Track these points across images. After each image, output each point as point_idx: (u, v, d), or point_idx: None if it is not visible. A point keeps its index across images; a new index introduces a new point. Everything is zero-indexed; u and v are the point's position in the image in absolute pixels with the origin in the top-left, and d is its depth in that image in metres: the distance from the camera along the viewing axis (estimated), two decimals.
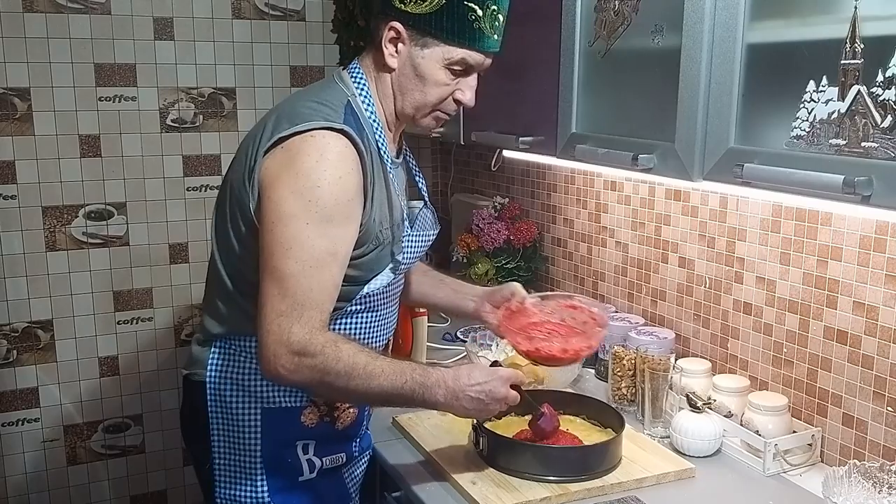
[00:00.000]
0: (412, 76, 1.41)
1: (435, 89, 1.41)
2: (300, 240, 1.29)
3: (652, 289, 2.07)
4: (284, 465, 1.47)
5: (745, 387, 1.70)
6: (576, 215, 2.34)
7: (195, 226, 2.77)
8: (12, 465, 2.68)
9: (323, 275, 1.31)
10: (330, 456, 1.51)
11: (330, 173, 1.29)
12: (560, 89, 1.70)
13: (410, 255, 1.51)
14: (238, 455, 1.47)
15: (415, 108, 1.44)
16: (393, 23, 1.38)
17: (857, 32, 1.08)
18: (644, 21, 1.47)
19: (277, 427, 1.46)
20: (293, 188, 1.29)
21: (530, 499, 1.43)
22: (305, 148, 1.30)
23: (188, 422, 1.56)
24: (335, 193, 1.29)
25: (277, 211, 1.30)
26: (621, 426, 1.60)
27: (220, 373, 1.46)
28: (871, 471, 1.35)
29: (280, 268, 1.29)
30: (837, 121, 1.12)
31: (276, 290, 1.29)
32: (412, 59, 1.39)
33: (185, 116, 2.71)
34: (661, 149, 1.43)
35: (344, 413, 1.51)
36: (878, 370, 1.50)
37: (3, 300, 2.58)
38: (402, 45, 1.39)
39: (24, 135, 2.52)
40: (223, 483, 1.48)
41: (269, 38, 2.78)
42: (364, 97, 1.43)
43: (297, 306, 1.29)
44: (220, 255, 1.46)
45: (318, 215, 1.29)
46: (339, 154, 1.31)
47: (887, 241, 1.47)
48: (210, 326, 1.47)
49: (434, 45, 1.38)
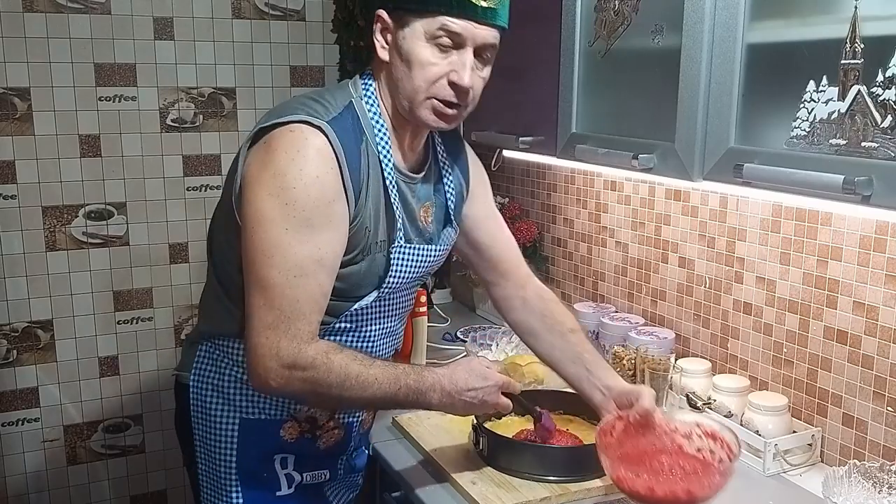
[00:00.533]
0: (400, 63, 1.31)
1: (421, 71, 1.29)
2: (281, 247, 1.23)
3: (652, 289, 2.07)
4: (260, 479, 1.44)
5: (745, 387, 1.70)
6: (576, 215, 2.34)
7: (195, 226, 2.77)
8: (12, 465, 2.68)
9: (309, 284, 1.26)
10: (311, 472, 1.48)
11: (305, 172, 1.23)
12: (560, 89, 1.70)
13: (403, 273, 1.41)
14: (215, 464, 1.44)
15: (408, 98, 1.32)
16: (378, 11, 1.32)
17: (857, 32, 1.08)
18: (644, 21, 1.47)
19: (255, 439, 1.43)
20: (270, 189, 1.23)
21: (530, 499, 1.43)
22: (283, 143, 1.25)
23: (178, 423, 1.54)
24: (312, 195, 1.23)
25: (256, 215, 1.25)
26: None
27: (203, 377, 1.45)
28: (871, 471, 1.35)
29: (264, 277, 1.24)
30: (837, 121, 1.12)
31: (261, 301, 1.25)
32: (397, 43, 1.30)
33: (185, 116, 2.71)
34: (661, 149, 1.43)
35: (328, 433, 1.48)
36: (878, 370, 1.50)
37: (3, 300, 2.58)
38: (389, 35, 1.32)
39: (24, 135, 2.52)
40: (206, 489, 1.47)
41: (269, 38, 2.77)
42: (368, 99, 1.36)
43: (283, 318, 1.24)
44: (213, 256, 1.45)
45: (296, 220, 1.23)
46: (316, 151, 1.24)
47: (887, 241, 1.47)
48: (200, 323, 1.48)
49: (413, 21, 1.28)
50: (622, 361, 1.86)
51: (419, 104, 1.32)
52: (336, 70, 2.85)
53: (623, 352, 1.87)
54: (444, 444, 1.64)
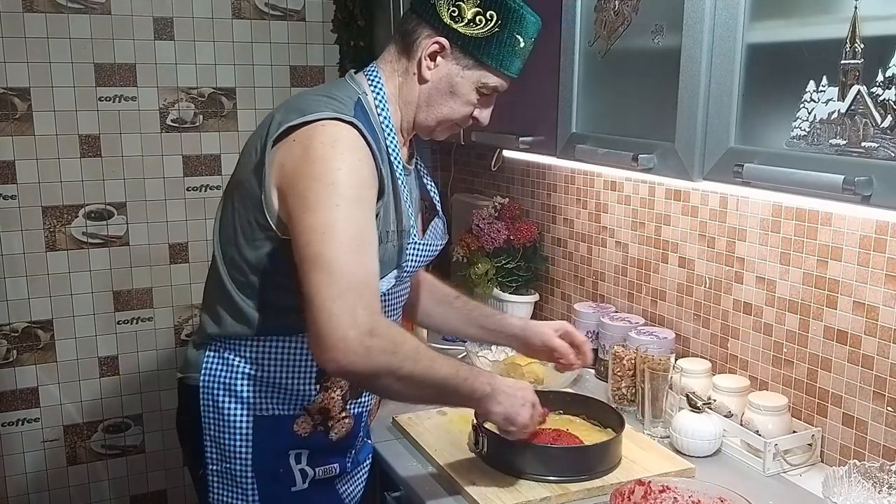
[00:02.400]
0: (445, 92, 1.43)
1: (462, 108, 1.45)
2: (335, 224, 1.24)
3: (652, 289, 2.07)
4: (276, 475, 1.45)
5: (745, 387, 1.70)
6: (576, 215, 2.34)
7: (195, 226, 2.77)
8: (12, 465, 2.68)
9: (366, 257, 1.27)
10: (323, 466, 1.49)
11: (346, 157, 1.27)
12: (560, 89, 1.70)
13: (415, 263, 1.50)
14: (230, 462, 1.44)
15: (438, 120, 1.46)
16: (440, 38, 1.39)
17: (857, 32, 1.08)
18: (644, 21, 1.47)
19: (269, 436, 1.44)
20: (314, 176, 1.26)
21: (530, 499, 1.43)
22: (318, 136, 1.28)
23: (182, 426, 1.55)
24: (355, 177, 1.28)
25: (304, 202, 1.26)
26: (621, 426, 1.60)
27: (214, 377, 1.44)
28: (871, 471, 1.35)
29: (321, 254, 1.23)
30: (837, 121, 1.12)
31: (323, 277, 1.21)
32: (450, 76, 1.42)
33: (185, 116, 2.71)
34: (661, 149, 1.43)
35: (339, 423, 1.49)
36: (878, 370, 1.50)
37: (3, 300, 2.58)
38: (441, 60, 1.41)
39: (24, 135, 2.52)
40: (216, 490, 1.47)
41: (269, 38, 2.77)
42: (379, 99, 1.42)
43: (351, 288, 1.22)
44: (223, 256, 1.44)
45: (344, 197, 1.25)
46: (352, 141, 1.30)
47: (887, 241, 1.47)
48: (207, 327, 1.46)
49: (475, 69, 1.41)
50: (622, 361, 1.86)
51: (445, 128, 1.49)
52: (336, 70, 2.85)
53: (623, 352, 1.87)
54: (444, 443, 1.64)
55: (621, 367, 1.86)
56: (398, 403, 1.81)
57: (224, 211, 1.45)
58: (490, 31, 1.38)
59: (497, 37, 1.38)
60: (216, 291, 1.46)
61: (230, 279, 1.43)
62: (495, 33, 1.38)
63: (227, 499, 1.46)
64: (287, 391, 1.43)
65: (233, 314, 1.42)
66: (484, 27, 1.38)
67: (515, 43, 1.40)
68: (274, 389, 1.43)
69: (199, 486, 1.51)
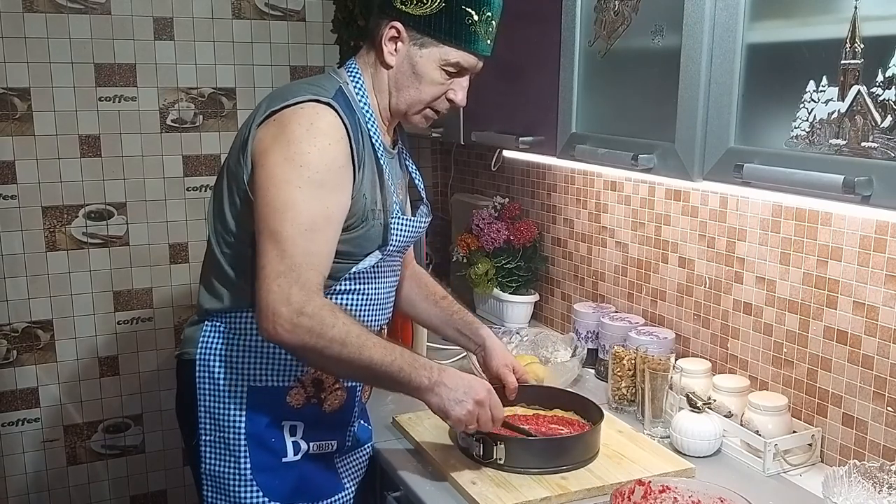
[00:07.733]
0: (409, 74, 1.48)
1: (429, 88, 1.48)
2: (295, 203, 1.33)
3: (652, 289, 2.07)
4: (268, 444, 1.49)
5: (745, 387, 1.70)
6: (576, 215, 2.34)
7: (195, 226, 2.77)
8: (12, 465, 2.68)
9: (318, 239, 1.35)
10: (319, 441, 1.53)
11: (319, 140, 1.35)
12: (560, 89, 1.70)
13: (400, 238, 1.55)
14: (223, 431, 1.49)
15: (408, 104, 1.50)
16: (394, 22, 1.45)
17: (857, 32, 1.08)
18: (644, 21, 1.47)
19: (263, 406, 1.49)
20: (285, 155, 1.34)
21: (530, 499, 1.43)
22: (295, 118, 1.36)
23: (179, 402, 1.60)
24: (325, 160, 1.35)
25: (271, 177, 1.34)
26: (601, 416, 1.63)
27: (210, 349, 1.50)
28: (871, 471, 1.35)
29: (276, 230, 1.33)
30: (837, 121, 1.12)
31: (274, 252, 1.32)
32: (410, 58, 1.47)
33: (185, 116, 2.71)
34: (661, 149, 1.43)
35: (332, 395, 1.53)
36: (878, 370, 1.50)
37: (3, 300, 2.58)
38: (401, 45, 1.47)
39: (24, 135, 2.52)
40: (209, 458, 1.51)
41: (269, 38, 2.77)
42: (358, 88, 1.49)
43: (295, 267, 1.32)
44: (217, 237, 1.50)
45: (309, 180, 1.33)
46: (328, 123, 1.37)
47: (887, 241, 1.47)
48: (204, 302, 1.53)
49: (432, 46, 1.45)
50: (622, 361, 1.86)
51: (417, 111, 1.52)
52: None
53: (623, 352, 1.87)
54: (445, 443, 1.64)
55: (621, 368, 1.86)
56: (398, 403, 1.83)
57: (215, 195, 1.52)
58: (437, 8, 1.42)
59: (445, 12, 1.42)
60: (210, 266, 1.53)
61: (221, 254, 1.49)
62: (442, 9, 1.42)
63: (219, 466, 1.50)
64: (281, 362, 1.49)
65: (227, 287, 1.49)
66: (431, 4, 1.42)
67: (466, 16, 1.42)
68: (268, 361, 1.48)
69: (192, 457, 1.55)
